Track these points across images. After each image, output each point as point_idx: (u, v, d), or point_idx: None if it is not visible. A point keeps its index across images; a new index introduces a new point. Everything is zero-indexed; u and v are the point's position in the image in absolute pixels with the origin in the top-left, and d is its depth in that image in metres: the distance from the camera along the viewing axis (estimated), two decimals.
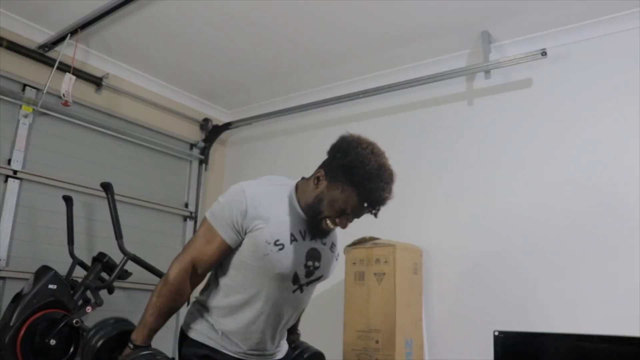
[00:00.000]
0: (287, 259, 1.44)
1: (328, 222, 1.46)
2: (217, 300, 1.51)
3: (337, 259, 1.63)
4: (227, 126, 3.95)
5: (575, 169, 2.56)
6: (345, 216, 1.45)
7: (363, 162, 1.38)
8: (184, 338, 1.56)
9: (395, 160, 1.50)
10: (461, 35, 2.85)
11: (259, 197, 1.44)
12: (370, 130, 3.47)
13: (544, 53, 2.61)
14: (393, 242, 2.64)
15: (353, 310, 2.65)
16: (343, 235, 1.73)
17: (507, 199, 2.71)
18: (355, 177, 1.38)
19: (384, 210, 1.44)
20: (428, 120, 3.12)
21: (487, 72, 2.81)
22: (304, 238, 1.49)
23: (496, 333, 1.96)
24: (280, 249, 1.43)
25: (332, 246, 1.59)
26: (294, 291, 1.51)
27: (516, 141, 2.77)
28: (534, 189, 2.65)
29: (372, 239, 2.71)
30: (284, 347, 1.67)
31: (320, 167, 1.49)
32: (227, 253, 1.48)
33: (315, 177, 1.47)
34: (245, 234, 1.43)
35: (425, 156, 3.06)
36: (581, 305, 2.39)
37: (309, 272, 1.51)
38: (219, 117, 4.07)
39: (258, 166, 3.89)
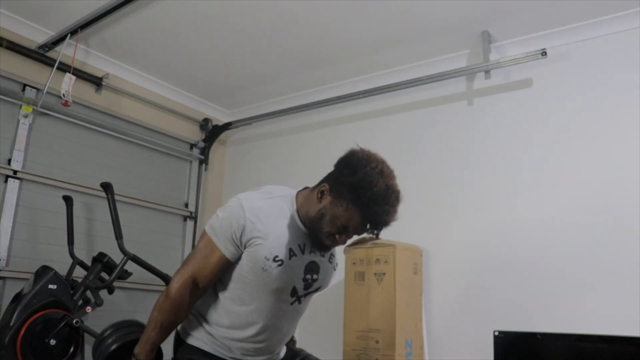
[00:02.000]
0: (285, 274, 1.43)
1: (329, 238, 1.44)
2: (217, 315, 1.50)
3: (335, 269, 1.62)
4: (227, 126, 3.95)
5: (575, 168, 2.56)
6: (345, 234, 1.43)
7: (371, 183, 1.34)
8: (179, 343, 1.56)
9: (395, 160, 1.50)
10: (461, 35, 2.85)
11: (257, 212, 1.41)
12: (371, 130, 3.49)
13: (544, 53, 2.61)
14: (393, 242, 2.64)
15: (353, 310, 2.65)
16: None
17: (507, 199, 2.71)
18: (361, 197, 1.35)
19: None
20: (428, 120, 3.12)
21: (487, 72, 2.81)
22: (302, 252, 1.47)
23: (496, 333, 1.96)
24: (279, 265, 1.41)
25: (331, 257, 1.58)
26: (292, 303, 1.51)
27: (516, 141, 2.77)
28: (534, 188, 2.65)
29: (372, 238, 2.70)
30: (282, 350, 1.67)
31: (326, 180, 1.46)
32: (227, 267, 1.47)
33: (320, 191, 1.44)
34: (245, 248, 1.42)
35: (425, 156, 3.06)
36: (581, 305, 2.39)
37: (307, 285, 1.51)
38: (219, 117, 4.07)
39: (258, 166, 3.89)
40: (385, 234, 2.76)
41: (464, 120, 2.98)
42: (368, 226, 1.40)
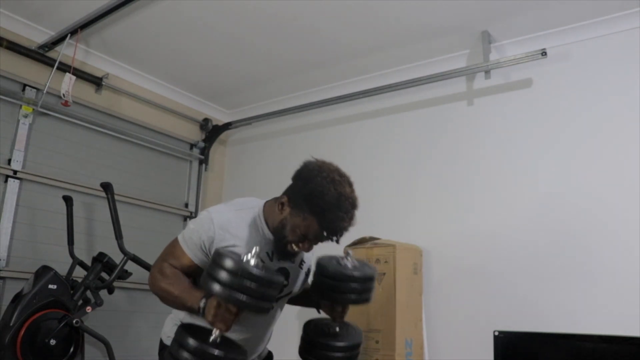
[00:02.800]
0: None
1: (292, 246, 1.50)
2: (195, 319, 1.51)
3: (307, 274, 1.69)
4: (227, 126, 3.95)
5: (575, 168, 2.56)
6: (307, 241, 1.49)
7: (322, 192, 1.41)
8: (162, 347, 1.61)
9: (395, 160, 1.50)
10: (461, 35, 2.85)
11: (225, 223, 1.48)
12: (370, 131, 3.49)
13: (544, 53, 2.61)
14: (393, 242, 2.64)
15: (353, 310, 2.62)
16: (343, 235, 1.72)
17: (507, 199, 2.71)
18: (314, 207, 1.41)
19: (384, 210, 1.44)
20: (428, 120, 3.12)
21: (487, 72, 2.81)
22: (271, 259, 1.54)
23: (496, 333, 1.96)
24: None
25: (301, 263, 1.65)
26: None
27: (516, 141, 2.77)
28: (534, 188, 2.65)
29: (372, 239, 2.71)
30: (264, 352, 1.74)
31: (285, 192, 1.53)
32: (195, 273, 1.51)
33: (280, 203, 1.51)
34: None
35: (425, 156, 3.06)
36: (581, 305, 2.39)
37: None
38: (219, 117, 4.07)
39: (258, 166, 3.89)
40: (385, 234, 2.78)
41: (464, 120, 2.98)
42: (325, 233, 1.45)
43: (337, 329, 1.68)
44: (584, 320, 2.33)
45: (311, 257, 1.71)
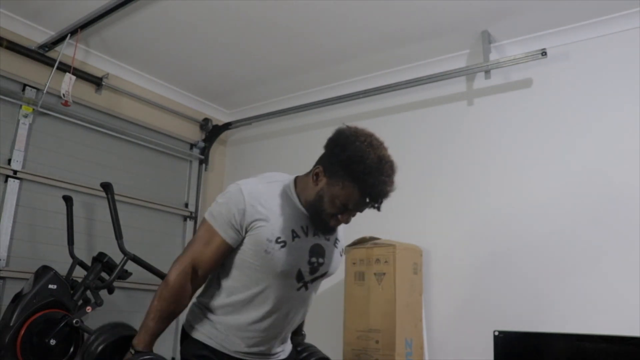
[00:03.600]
0: (289, 256, 1.41)
1: (332, 219, 1.43)
2: (220, 300, 1.49)
3: (342, 254, 1.61)
4: (227, 126, 3.95)
5: (575, 168, 2.56)
6: (347, 212, 1.42)
7: (362, 157, 1.35)
8: (185, 336, 1.54)
9: (395, 160, 1.49)
10: (461, 35, 2.85)
11: (257, 195, 1.42)
12: (371, 130, 3.47)
13: (544, 53, 2.61)
14: (393, 242, 2.64)
15: (353, 310, 2.65)
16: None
17: (507, 199, 2.71)
18: (355, 172, 1.35)
19: (384, 210, 1.43)
20: (428, 120, 3.12)
21: (487, 72, 2.81)
22: (306, 234, 1.46)
23: (496, 333, 1.96)
24: (282, 247, 1.40)
25: (336, 241, 1.56)
26: (298, 289, 1.48)
27: (516, 141, 2.77)
28: (535, 188, 2.65)
29: (372, 239, 2.71)
30: (287, 348, 1.64)
31: (318, 162, 1.46)
32: (227, 253, 1.45)
33: (314, 174, 1.44)
34: (246, 232, 1.41)
35: (425, 156, 3.06)
36: (581, 305, 2.39)
37: (313, 269, 1.48)
38: (219, 117, 4.07)
39: (258, 166, 3.89)
40: (385, 234, 2.78)
41: (464, 120, 2.98)
42: (367, 200, 1.38)
43: None
44: (584, 320, 2.33)
45: (343, 237, 1.64)
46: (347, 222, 1.45)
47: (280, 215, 1.43)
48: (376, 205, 1.40)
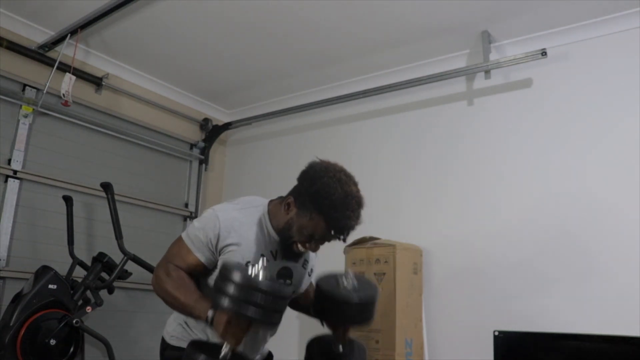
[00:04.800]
0: None
1: (299, 246, 1.51)
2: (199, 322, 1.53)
3: (310, 274, 1.69)
4: (227, 126, 3.95)
5: (575, 168, 2.56)
6: (315, 241, 1.50)
7: (329, 192, 1.42)
8: (165, 347, 1.60)
9: (395, 160, 1.50)
10: (461, 35, 2.85)
11: (231, 222, 1.49)
12: (370, 131, 3.49)
13: (544, 53, 2.61)
14: (393, 242, 2.64)
15: None
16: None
17: (507, 199, 2.71)
18: (321, 206, 1.42)
19: (384, 210, 1.44)
20: (428, 120, 3.12)
21: (487, 72, 2.81)
22: (275, 258, 1.54)
23: (496, 333, 1.96)
24: None
25: (305, 263, 1.65)
26: None
27: (516, 141, 2.77)
28: (534, 188, 2.65)
29: (372, 239, 2.70)
30: (264, 351, 1.73)
31: (290, 193, 1.54)
32: (201, 272, 1.52)
33: (286, 204, 1.52)
34: (219, 255, 1.49)
35: (425, 156, 3.06)
36: (581, 305, 2.39)
37: None
38: (219, 117, 4.07)
39: (258, 166, 3.89)
40: (385, 234, 2.78)
41: (464, 120, 2.98)
42: (332, 232, 1.46)
43: (341, 348, 1.63)
44: (584, 320, 2.33)
45: (314, 257, 1.72)
46: (314, 250, 1.54)
47: (252, 241, 1.51)
48: (341, 237, 1.47)
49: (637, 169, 2.39)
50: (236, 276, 1.26)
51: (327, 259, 2.38)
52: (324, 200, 1.42)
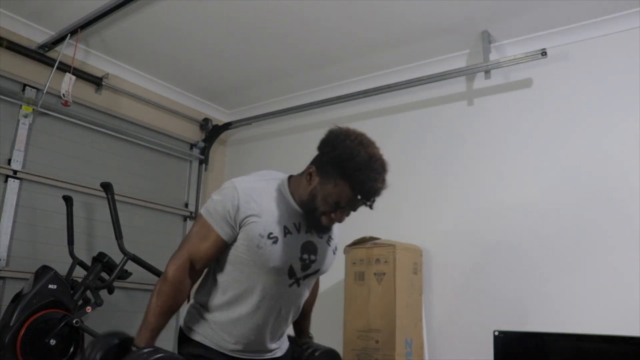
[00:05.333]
0: (281, 251, 1.44)
1: (325, 217, 1.45)
2: (216, 298, 1.51)
3: (334, 252, 1.62)
4: (227, 126, 3.95)
5: (575, 168, 2.56)
6: (340, 210, 1.44)
7: (352, 154, 1.37)
8: (182, 338, 1.56)
9: (395, 160, 1.49)
10: (461, 35, 2.85)
11: (250, 192, 1.45)
12: (370, 131, 3.47)
13: (544, 53, 2.61)
14: (393, 242, 2.64)
15: (353, 310, 2.65)
16: (343, 235, 1.72)
17: (508, 199, 2.71)
18: (345, 169, 1.37)
19: (384, 210, 1.44)
20: (428, 120, 3.12)
21: (487, 72, 2.81)
22: (298, 231, 1.49)
23: (496, 333, 1.96)
24: (274, 242, 1.43)
25: (329, 239, 1.58)
26: (290, 285, 1.50)
27: (516, 141, 2.77)
28: (534, 188, 2.65)
29: (372, 239, 2.71)
30: (283, 345, 1.65)
31: (312, 163, 1.49)
32: (223, 249, 1.47)
33: (308, 174, 1.46)
34: (240, 228, 1.44)
35: (426, 156, 3.06)
36: (581, 304, 2.39)
37: (304, 266, 1.50)
38: (219, 117, 4.07)
39: (258, 166, 3.85)
40: (385, 234, 2.78)
41: (464, 120, 2.98)
42: (359, 197, 1.40)
43: None
44: (584, 320, 2.33)
45: (338, 236, 1.65)
46: (340, 220, 1.47)
47: (273, 212, 1.45)
48: (368, 202, 1.42)
49: (637, 169, 2.39)
50: None
51: None
52: (348, 163, 1.36)
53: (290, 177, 1.55)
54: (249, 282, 1.47)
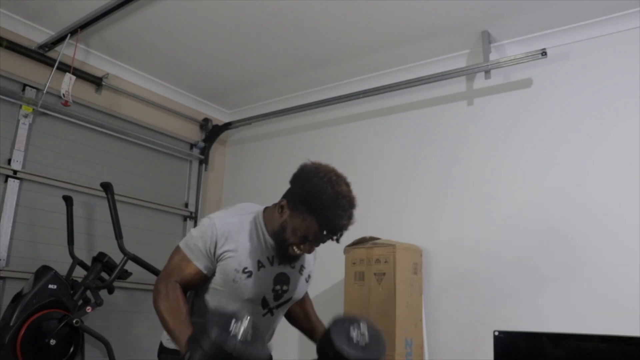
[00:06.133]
0: (255, 285, 1.52)
1: (294, 248, 1.52)
2: (194, 319, 1.53)
3: (308, 280, 1.70)
4: (227, 126, 3.95)
5: (575, 168, 2.56)
6: (308, 242, 1.51)
7: (320, 192, 1.43)
8: (161, 350, 1.61)
9: (395, 160, 1.50)
10: (461, 35, 2.85)
11: (228, 228, 1.52)
12: (370, 131, 3.49)
13: (544, 53, 2.61)
14: (393, 242, 2.64)
15: (353, 310, 2.65)
16: (343, 235, 1.72)
17: (507, 199, 2.71)
18: (313, 206, 1.44)
19: (384, 210, 1.44)
20: (428, 120, 3.12)
21: (487, 72, 2.81)
22: (272, 264, 1.56)
23: (496, 333, 1.96)
24: (248, 276, 1.51)
25: (301, 269, 1.66)
26: (264, 315, 1.59)
27: (516, 141, 2.77)
28: (534, 188, 2.65)
29: (372, 239, 2.71)
30: None
31: (284, 196, 1.55)
32: (201, 281, 1.54)
33: (279, 206, 1.54)
34: (217, 262, 1.51)
35: (425, 156, 3.06)
36: (581, 305, 2.39)
37: (277, 296, 1.59)
38: (219, 117, 4.07)
39: (258, 166, 3.89)
40: (385, 234, 2.78)
41: (464, 120, 2.98)
42: (325, 232, 1.47)
43: None
44: (584, 320, 2.33)
45: (312, 264, 1.72)
46: (309, 252, 1.55)
47: (248, 247, 1.53)
48: (335, 237, 1.49)
49: (637, 169, 2.39)
50: (213, 333, 1.25)
51: (328, 259, 2.39)
52: (315, 201, 1.43)
53: (266, 209, 1.62)
54: (226, 310, 1.51)
